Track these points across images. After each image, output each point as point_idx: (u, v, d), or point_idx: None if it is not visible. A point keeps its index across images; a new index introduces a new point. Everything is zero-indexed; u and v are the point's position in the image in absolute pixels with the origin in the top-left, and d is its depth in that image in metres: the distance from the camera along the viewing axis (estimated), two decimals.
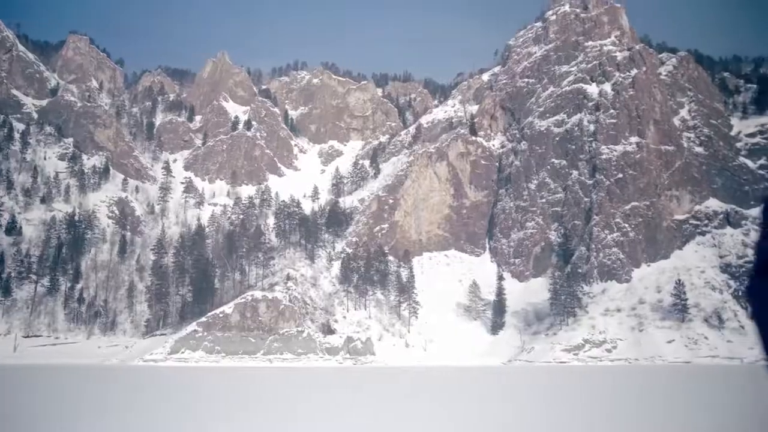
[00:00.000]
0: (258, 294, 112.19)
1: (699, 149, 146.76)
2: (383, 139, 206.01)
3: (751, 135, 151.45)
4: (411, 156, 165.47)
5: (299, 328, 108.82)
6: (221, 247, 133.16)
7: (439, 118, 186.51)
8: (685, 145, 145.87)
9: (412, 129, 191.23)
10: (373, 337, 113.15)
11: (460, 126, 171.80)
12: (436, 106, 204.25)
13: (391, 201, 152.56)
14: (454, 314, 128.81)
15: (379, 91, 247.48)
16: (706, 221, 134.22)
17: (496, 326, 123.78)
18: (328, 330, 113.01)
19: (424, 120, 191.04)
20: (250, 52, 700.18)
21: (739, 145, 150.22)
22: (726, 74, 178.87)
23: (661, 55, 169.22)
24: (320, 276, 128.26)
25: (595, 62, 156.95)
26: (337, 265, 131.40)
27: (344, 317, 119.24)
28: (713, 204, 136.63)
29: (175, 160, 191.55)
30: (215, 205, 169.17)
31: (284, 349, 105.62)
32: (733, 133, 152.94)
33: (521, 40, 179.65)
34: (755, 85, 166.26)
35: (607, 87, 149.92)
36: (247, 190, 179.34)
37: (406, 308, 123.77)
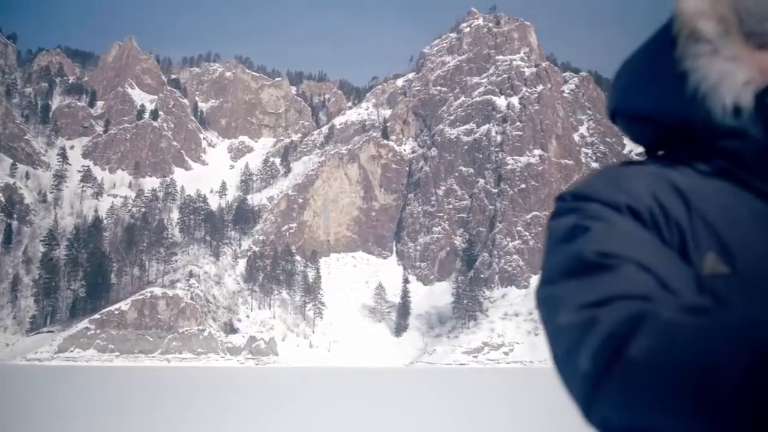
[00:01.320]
0: (158, 291, 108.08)
1: (595, 165, 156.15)
2: (295, 137, 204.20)
3: (640, 154, 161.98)
4: (323, 156, 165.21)
5: (200, 327, 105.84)
6: (120, 241, 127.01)
7: (352, 120, 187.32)
8: (583, 160, 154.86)
9: (324, 129, 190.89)
10: (276, 337, 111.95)
11: (373, 129, 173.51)
12: (350, 108, 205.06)
13: (300, 200, 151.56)
14: (359, 315, 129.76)
15: (293, 89, 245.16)
16: None
17: (400, 328, 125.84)
18: (230, 329, 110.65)
19: (338, 121, 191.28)
20: (159, 38, 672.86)
21: None
22: None
23: (564, 74, 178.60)
24: (225, 274, 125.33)
25: (504, 76, 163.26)
26: (242, 263, 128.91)
27: (248, 316, 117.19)
28: None
29: (72, 147, 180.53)
30: (115, 196, 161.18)
31: (183, 349, 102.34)
32: (625, 152, 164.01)
33: (436, 49, 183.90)
34: None
35: (515, 100, 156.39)
36: (150, 183, 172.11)
37: (311, 309, 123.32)
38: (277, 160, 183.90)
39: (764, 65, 0.82)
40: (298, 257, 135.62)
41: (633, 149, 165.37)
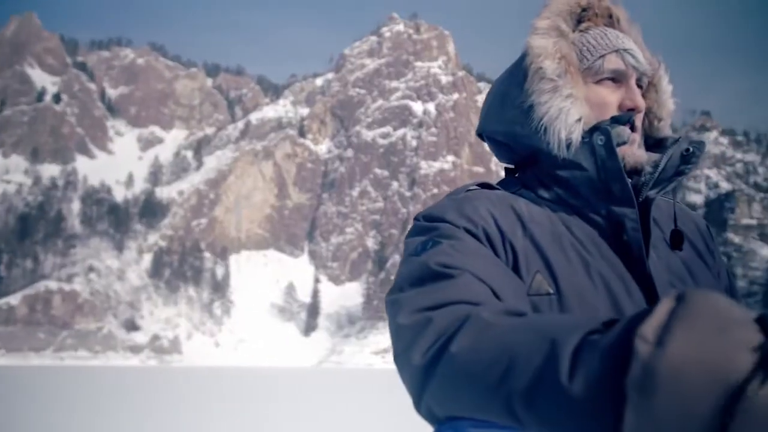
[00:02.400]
0: (53, 285, 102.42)
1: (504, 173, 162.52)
2: (209, 131, 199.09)
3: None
4: (237, 152, 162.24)
5: (99, 324, 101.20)
6: (11, 231, 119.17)
7: (269, 117, 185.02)
8: (494, 168, 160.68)
9: (240, 124, 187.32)
10: (181, 336, 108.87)
11: (290, 127, 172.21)
12: (267, 104, 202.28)
13: (212, 196, 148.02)
14: (268, 314, 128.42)
15: (209, 81, 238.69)
16: None
17: (310, 328, 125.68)
18: (132, 326, 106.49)
19: (254, 117, 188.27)
20: (65, 17, 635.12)
21: None
22: None
23: (479, 84, 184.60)
24: (128, 269, 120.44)
25: (422, 82, 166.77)
26: (148, 258, 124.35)
27: (152, 314, 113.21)
28: None
29: None
30: (8, 182, 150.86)
31: (79, 346, 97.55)
32: None
33: (356, 50, 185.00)
34: None
35: (431, 106, 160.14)
36: (49, 170, 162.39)
37: (219, 307, 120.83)
38: (189, 153, 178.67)
39: (599, 100, 0.94)
40: (207, 254, 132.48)
41: None
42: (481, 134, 1.09)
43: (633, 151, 0.93)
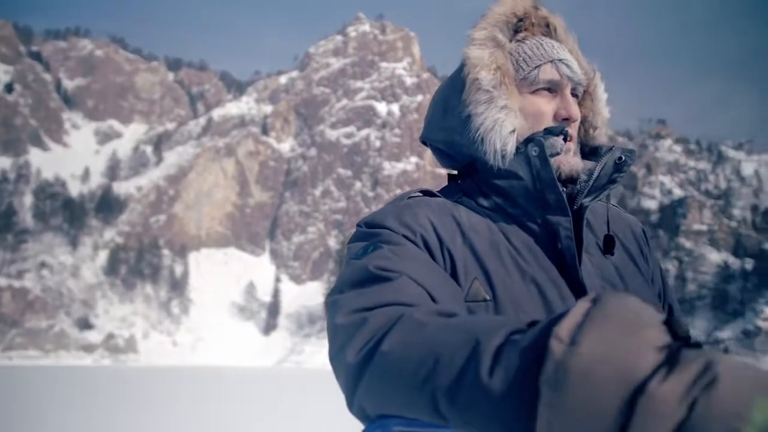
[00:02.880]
0: (2, 281, 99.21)
1: None
2: (170, 126, 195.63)
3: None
4: (198, 148, 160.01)
5: (50, 322, 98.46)
6: None
7: (231, 113, 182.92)
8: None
9: (202, 120, 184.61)
10: (137, 335, 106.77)
11: (253, 124, 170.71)
12: (230, 101, 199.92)
13: (171, 192, 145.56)
14: (227, 313, 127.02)
15: (171, 76, 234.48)
16: None
17: (270, 327, 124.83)
18: (85, 325, 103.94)
19: (216, 113, 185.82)
20: (18, 5, 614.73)
21: None
22: None
23: None
24: (83, 265, 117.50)
25: (387, 83, 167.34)
26: (104, 255, 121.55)
27: (107, 312, 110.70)
28: None
29: None
30: None
31: (29, 345, 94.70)
32: None
33: (321, 49, 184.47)
34: None
35: (395, 107, 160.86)
36: (0, 162, 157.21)
37: (177, 305, 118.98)
38: (149, 149, 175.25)
39: (535, 110, 0.97)
40: (166, 251, 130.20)
41: None
42: (424, 141, 1.09)
43: (568, 160, 0.96)
